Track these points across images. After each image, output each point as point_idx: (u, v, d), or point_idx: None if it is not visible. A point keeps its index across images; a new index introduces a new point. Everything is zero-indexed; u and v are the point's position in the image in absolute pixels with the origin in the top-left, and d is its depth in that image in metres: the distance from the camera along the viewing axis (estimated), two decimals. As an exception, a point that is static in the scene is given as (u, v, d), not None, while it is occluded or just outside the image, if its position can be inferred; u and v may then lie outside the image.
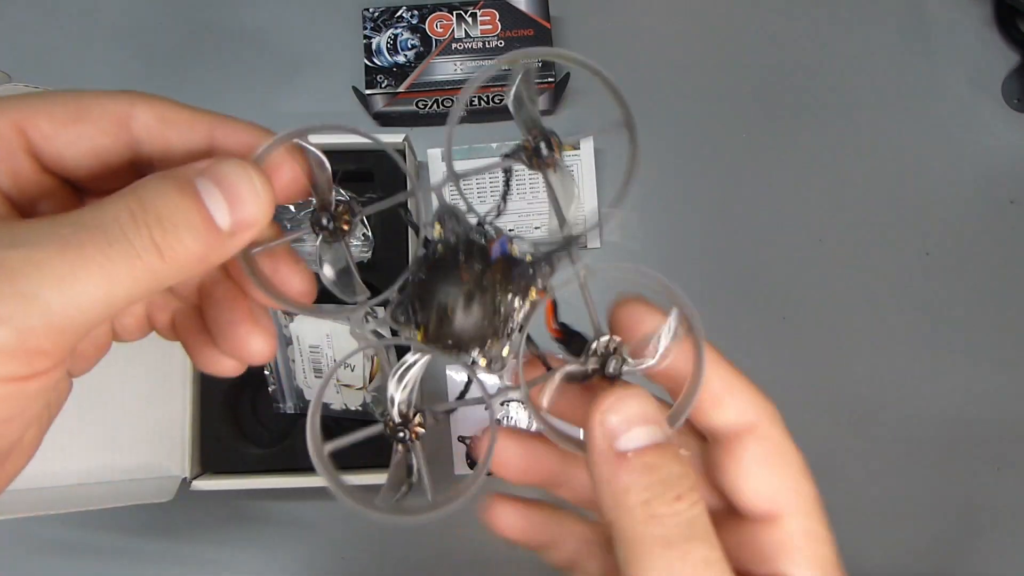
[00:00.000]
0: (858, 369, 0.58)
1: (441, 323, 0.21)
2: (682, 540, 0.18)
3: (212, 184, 0.18)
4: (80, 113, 0.19)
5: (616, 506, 0.19)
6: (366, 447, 0.54)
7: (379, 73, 0.56)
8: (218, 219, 0.18)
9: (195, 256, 0.17)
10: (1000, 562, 0.56)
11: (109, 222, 0.16)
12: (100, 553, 0.55)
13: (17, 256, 0.15)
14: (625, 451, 0.19)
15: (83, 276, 0.15)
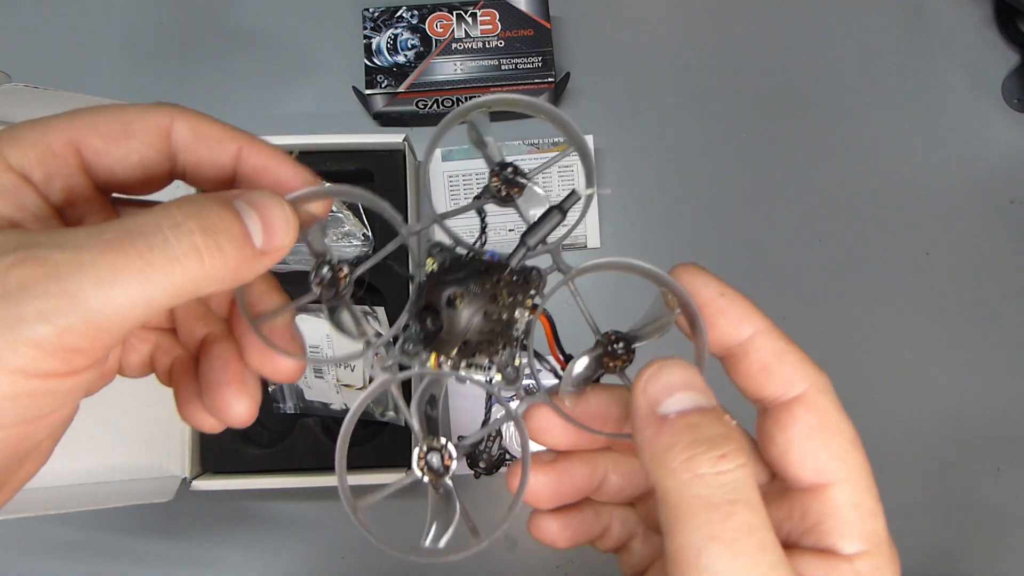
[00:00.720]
0: (858, 369, 0.58)
1: (453, 324, 0.22)
2: (725, 502, 0.17)
3: (249, 207, 0.19)
4: (127, 129, 0.20)
5: (659, 466, 0.18)
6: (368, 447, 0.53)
7: (379, 73, 0.56)
8: (255, 236, 0.18)
9: (231, 267, 0.18)
10: (1000, 562, 0.56)
11: (152, 228, 0.16)
12: (100, 553, 0.55)
13: (61, 257, 0.15)
14: (667, 415, 0.19)
15: (123, 278, 0.16)
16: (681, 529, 0.17)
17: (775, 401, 0.21)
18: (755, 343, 0.21)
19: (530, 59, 0.57)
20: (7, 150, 0.18)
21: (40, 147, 0.19)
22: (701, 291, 0.22)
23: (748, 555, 0.17)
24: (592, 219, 0.59)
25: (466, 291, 0.22)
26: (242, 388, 0.22)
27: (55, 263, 0.15)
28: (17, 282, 0.15)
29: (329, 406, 0.53)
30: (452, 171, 0.58)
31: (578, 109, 0.61)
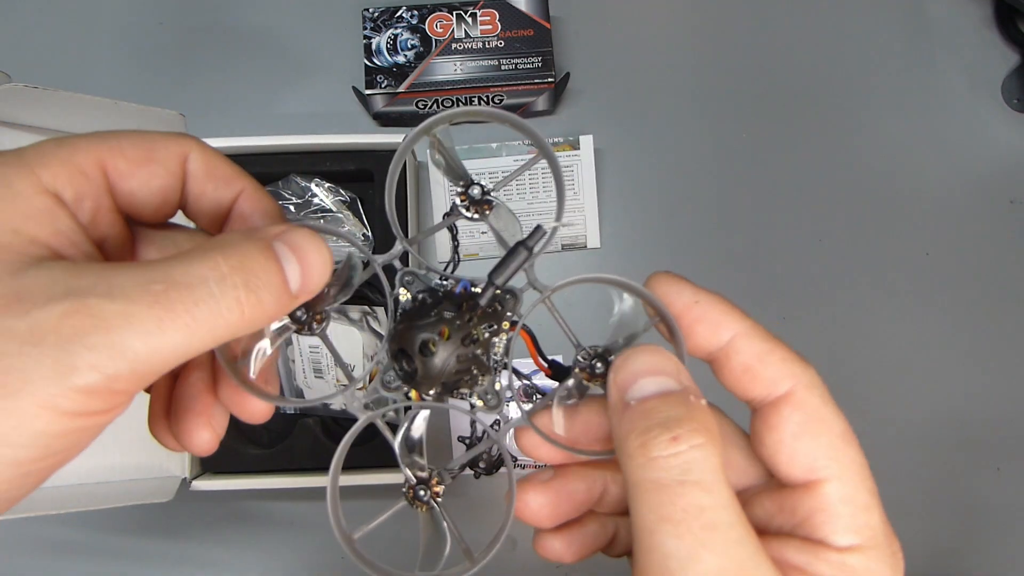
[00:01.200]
0: (858, 369, 0.58)
1: (427, 369, 0.22)
2: (674, 483, 0.18)
3: (289, 250, 0.19)
4: (151, 154, 0.21)
5: (621, 452, 0.19)
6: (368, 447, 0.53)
7: (379, 73, 0.56)
8: (292, 284, 0.19)
9: (268, 315, 0.19)
10: (1000, 562, 0.56)
11: (198, 281, 0.17)
12: (100, 553, 0.55)
13: (111, 309, 0.16)
14: (630, 401, 0.19)
15: (169, 331, 0.17)
16: (637, 510, 0.18)
17: (762, 401, 0.21)
18: (736, 346, 0.21)
19: (530, 59, 0.57)
20: (39, 170, 0.19)
21: (70, 166, 0.19)
22: (675, 300, 0.22)
23: (694, 534, 0.17)
24: (592, 219, 0.59)
25: (438, 337, 0.22)
26: (207, 421, 0.23)
27: (105, 316, 0.16)
28: (70, 332, 0.16)
29: (329, 406, 0.53)
30: (452, 171, 0.58)
31: (578, 109, 0.61)
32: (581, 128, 0.60)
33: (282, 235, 0.19)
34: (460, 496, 0.56)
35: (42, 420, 0.16)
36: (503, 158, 0.58)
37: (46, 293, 0.16)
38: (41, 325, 0.16)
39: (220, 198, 0.23)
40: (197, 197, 0.22)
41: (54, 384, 0.16)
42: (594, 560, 0.59)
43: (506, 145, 0.58)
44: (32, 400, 0.16)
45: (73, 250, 0.19)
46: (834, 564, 0.19)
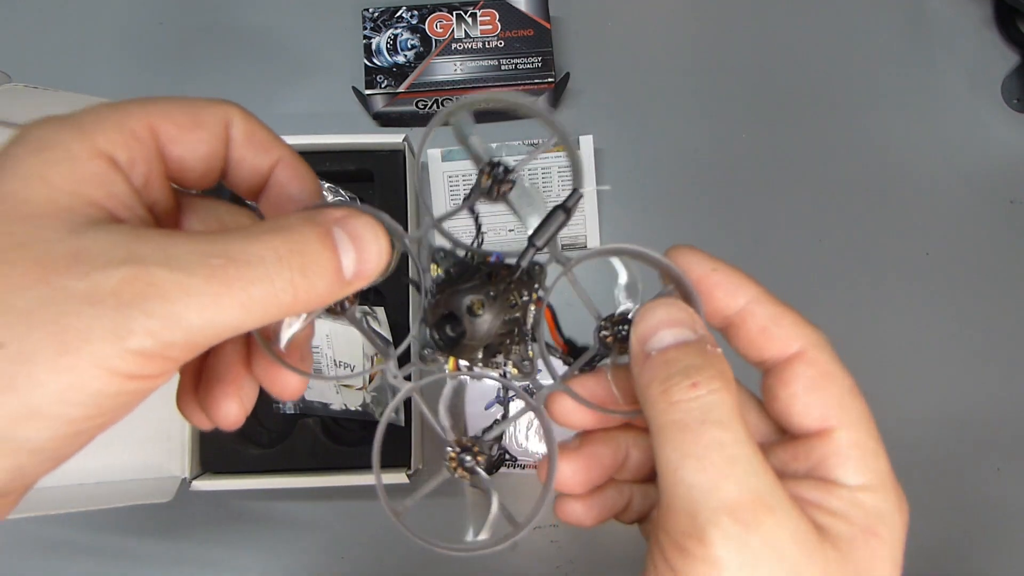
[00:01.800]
0: (858, 369, 0.58)
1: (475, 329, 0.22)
2: (696, 423, 0.19)
3: (347, 238, 0.19)
4: (197, 119, 0.21)
5: (644, 401, 0.20)
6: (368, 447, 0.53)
7: (379, 73, 0.56)
8: (346, 271, 0.19)
9: (321, 299, 0.19)
10: (1000, 562, 0.56)
11: (256, 260, 0.18)
12: (100, 553, 0.55)
13: (171, 279, 0.17)
14: (650, 352, 0.21)
15: (225, 306, 0.17)
16: (661, 450, 0.19)
17: (776, 360, 0.23)
18: (751, 309, 0.23)
19: (530, 59, 0.57)
20: (95, 134, 0.19)
21: (124, 130, 0.19)
22: (695, 268, 0.23)
23: (716, 467, 0.19)
24: (592, 219, 0.59)
25: (485, 297, 0.22)
26: (236, 391, 0.23)
27: (164, 285, 0.16)
28: (130, 297, 0.16)
29: (329, 406, 0.53)
30: (452, 171, 0.58)
31: (578, 109, 0.61)
32: (581, 128, 0.60)
33: (342, 221, 0.20)
34: (460, 496, 0.56)
35: (98, 380, 0.16)
36: (503, 158, 0.58)
37: (105, 256, 0.17)
38: (100, 287, 0.16)
39: (259, 165, 0.23)
40: (238, 163, 0.22)
41: (111, 345, 0.16)
42: (594, 561, 0.59)
43: (506, 145, 0.58)
44: (89, 360, 0.16)
45: (128, 213, 0.19)
46: (846, 500, 0.20)
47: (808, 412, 0.22)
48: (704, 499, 0.18)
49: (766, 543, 0.18)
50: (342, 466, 0.53)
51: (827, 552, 0.19)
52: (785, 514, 0.19)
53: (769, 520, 0.18)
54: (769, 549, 0.18)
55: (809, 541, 0.19)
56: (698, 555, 0.18)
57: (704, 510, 0.18)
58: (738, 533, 0.18)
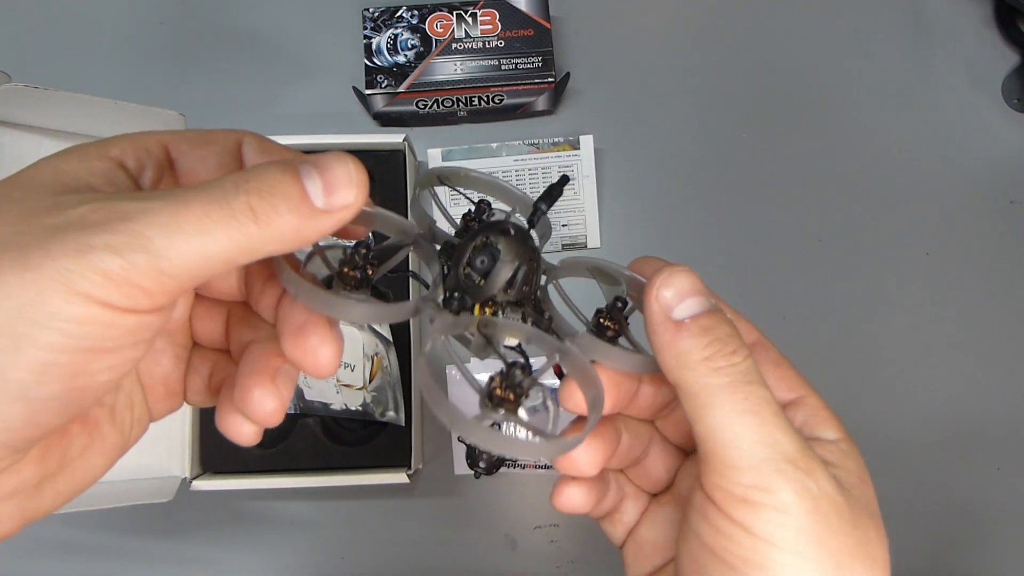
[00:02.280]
0: (858, 369, 0.58)
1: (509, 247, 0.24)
2: (744, 384, 0.21)
3: (312, 168, 0.20)
4: (207, 138, 0.23)
5: (681, 366, 0.22)
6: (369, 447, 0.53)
7: (379, 73, 0.56)
8: (313, 197, 0.20)
9: (289, 225, 0.19)
10: (1000, 562, 0.56)
11: (214, 187, 0.18)
12: (100, 553, 0.55)
13: (131, 205, 0.17)
14: (681, 319, 0.22)
15: (184, 225, 0.17)
16: (711, 412, 0.21)
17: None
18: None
19: (530, 59, 0.57)
20: (109, 145, 0.21)
21: (136, 144, 0.22)
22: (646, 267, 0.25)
23: (770, 421, 0.21)
24: (592, 219, 0.59)
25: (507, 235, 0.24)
26: (271, 384, 0.23)
27: (124, 209, 0.17)
28: (93, 220, 0.17)
29: (329, 406, 0.53)
30: (452, 171, 0.58)
31: (578, 109, 0.61)
32: (581, 128, 0.60)
33: (309, 158, 0.20)
34: (460, 496, 0.56)
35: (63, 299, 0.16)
36: (503, 158, 0.58)
37: (81, 201, 0.18)
38: (69, 218, 0.17)
39: None
40: None
41: (72, 260, 0.16)
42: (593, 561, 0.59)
43: (506, 145, 0.58)
44: (54, 278, 0.16)
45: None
46: (837, 454, 0.23)
47: (781, 383, 0.24)
48: (767, 452, 0.20)
49: (820, 488, 0.20)
50: (342, 466, 0.53)
51: (847, 492, 0.21)
52: (821, 463, 0.21)
53: (816, 466, 0.21)
54: (823, 493, 0.20)
55: (837, 483, 0.21)
56: (768, 503, 0.20)
57: (769, 460, 0.20)
58: (800, 478, 0.20)
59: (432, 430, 0.56)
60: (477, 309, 0.24)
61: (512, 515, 0.55)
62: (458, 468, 0.56)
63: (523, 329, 0.23)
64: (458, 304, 0.24)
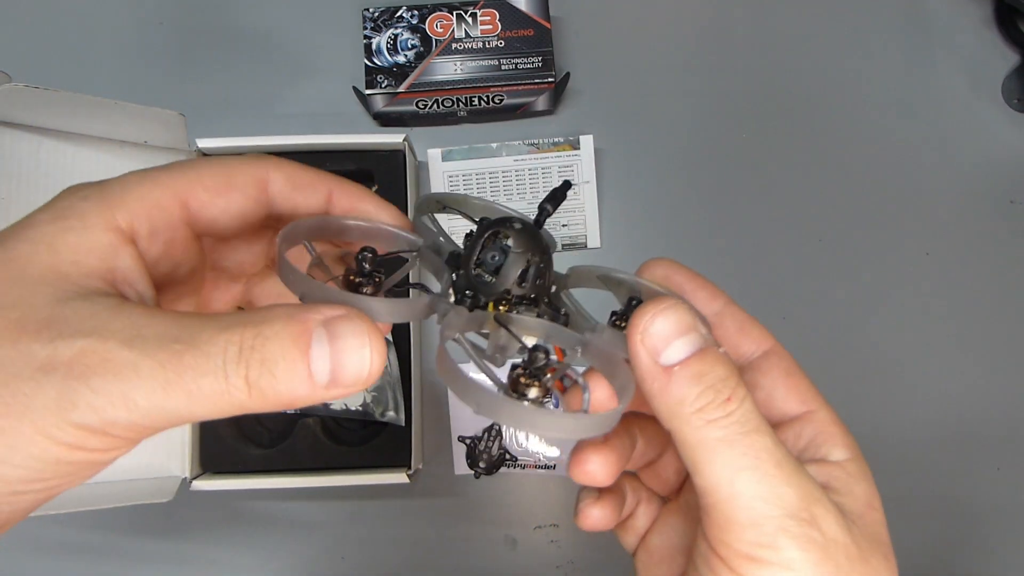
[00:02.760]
0: (858, 369, 0.58)
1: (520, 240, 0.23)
2: (741, 436, 0.20)
3: (326, 341, 0.18)
4: (229, 181, 0.22)
5: (673, 417, 0.20)
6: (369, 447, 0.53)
7: (379, 73, 0.56)
8: (318, 376, 0.18)
9: (282, 400, 0.18)
10: (1000, 562, 0.56)
11: (215, 352, 0.17)
12: (100, 553, 0.55)
13: (126, 358, 0.17)
14: (671, 365, 0.20)
15: (172, 394, 0.17)
16: (709, 467, 0.20)
17: (751, 356, 0.25)
18: (729, 310, 0.25)
19: (530, 59, 0.57)
20: (116, 207, 0.20)
21: (148, 202, 0.21)
22: (675, 275, 0.25)
23: (771, 474, 0.20)
24: (592, 219, 0.59)
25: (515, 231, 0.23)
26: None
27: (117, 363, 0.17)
28: (81, 370, 0.17)
29: (329, 406, 0.53)
30: (452, 171, 0.58)
31: (578, 109, 0.61)
32: (581, 128, 0.60)
33: (331, 321, 0.19)
34: (459, 496, 0.56)
35: (38, 446, 0.17)
36: (503, 158, 0.58)
37: (76, 326, 0.17)
38: (58, 356, 0.17)
39: (312, 205, 0.23)
40: (291, 213, 0.23)
41: (53, 415, 0.16)
42: (593, 561, 0.59)
43: (506, 145, 0.58)
44: (31, 425, 0.16)
45: (127, 288, 0.20)
46: (843, 479, 0.22)
47: (791, 396, 0.24)
48: (768, 508, 0.19)
49: (826, 535, 0.20)
50: (342, 466, 0.53)
51: (852, 528, 0.20)
52: (827, 501, 0.20)
53: (820, 511, 0.20)
54: (829, 540, 0.20)
55: (844, 521, 0.20)
56: (774, 560, 0.19)
57: (771, 519, 0.19)
58: (804, 532, 0.19)
59: (432, 430, 0.56)
60: (491, 307, 0.23)
61: (512, 515, 0.55)
62: (458, 468, 0.56)
63: (541, 324, 0.23)
64: (471, 303, 0.23)
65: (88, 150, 0.48)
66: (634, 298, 0.24)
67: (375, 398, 0.53)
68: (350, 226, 0.25)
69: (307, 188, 0.23)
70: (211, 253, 0.26)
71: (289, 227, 0.22)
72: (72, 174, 0.47)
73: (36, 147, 0.46)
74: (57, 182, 0.47)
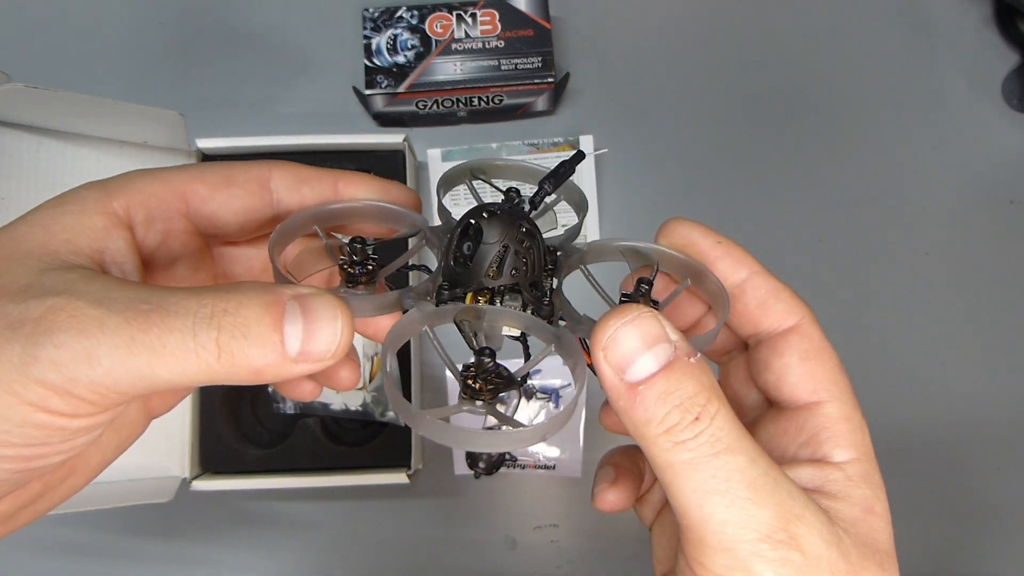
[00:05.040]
0: (858, 369, 0.58)
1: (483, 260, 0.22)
2: (709, 458, 0.18)
3: (299, 312, 0.18)
4: (229, 179, 0.22)
5: (641, 437, 0.19)
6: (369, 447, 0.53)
7: (379, 73, 0.56)
8: (289, 345, 0.18)
9: (252, 366, 0.18)
10: (1000, 562, 0.56)
11: (184, 312, 0.17)
12: (100, 553, 0.55)
13: (92, 314, 0.17)
14: (636, 383, 0.19)
15: (136, 352, 0.17)
16: (679, 489, 0.19)
17: (771, 333, 0.23)
18: (752, 283, 0.24)
19: (530, 59, 0.57)
20: (114, 195, 0.21)
21: (146, 192, 0.21)
22: (700, 240, 0.25)
23: (743, 497, 0.18)
24: (592, 219, 0.59)
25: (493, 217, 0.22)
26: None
27: (84, 319, 0.17)
28: (46, 326, 0.17)
29: (329, 406, 0.53)
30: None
31: (578, 109, 0.61)
32: (581, 128, 0.60)
33: (303, 296, 0.19)
34: (460, 496, 0.56)
35: (1, 402, 0.16)
36: (502, 158, 0.58)
37: (49, 288, 0.17)
38: (28, 313, 0.17)
39: (320, 196, 0.24)
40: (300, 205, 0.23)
41: (16, 372, 0.16)
42: (593, 560, 0.58)
43: (506, 145, 0.58)
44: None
45: (114, 269, 0.20)
46: (842, 481, 0.21)
47: (802, 383, 0.22)
48: (740, 533, 0.18)
49: (804, 554, 0.19)
50: (342, 466, 0.53)
51: (842, 539, 0.19)
52: (811, 516, 0.19)
53: (801, 529, 0.19)
54: (809, 560, 0.19)
55: (832, 534, 0.19)
56: None
57: (743, 543, 0.18)
58: (780, 555, 0.18)
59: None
60: (469, 298, 0.22)
61: (512, 515, 0.55)
62: (458, 468, 0.56)
63: (517, 316, 0.22)
64: (448, 294, 0.22)
65: (88, 150, 0.48)
66: (644, 280, 0.23)
67: (375, 398, 0.53)
68: (348, 209, 0.24)
69: (312, 180, 0.23)
70: (220, 260, 0.26)
71: (281, 226, 0.22)
72: (72, 174, 0.47)
73: (36, 147, 0.46)
74: (57, 182, 0.47)
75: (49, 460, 0.18)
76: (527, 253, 0.23)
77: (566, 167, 0.25)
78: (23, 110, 0.44)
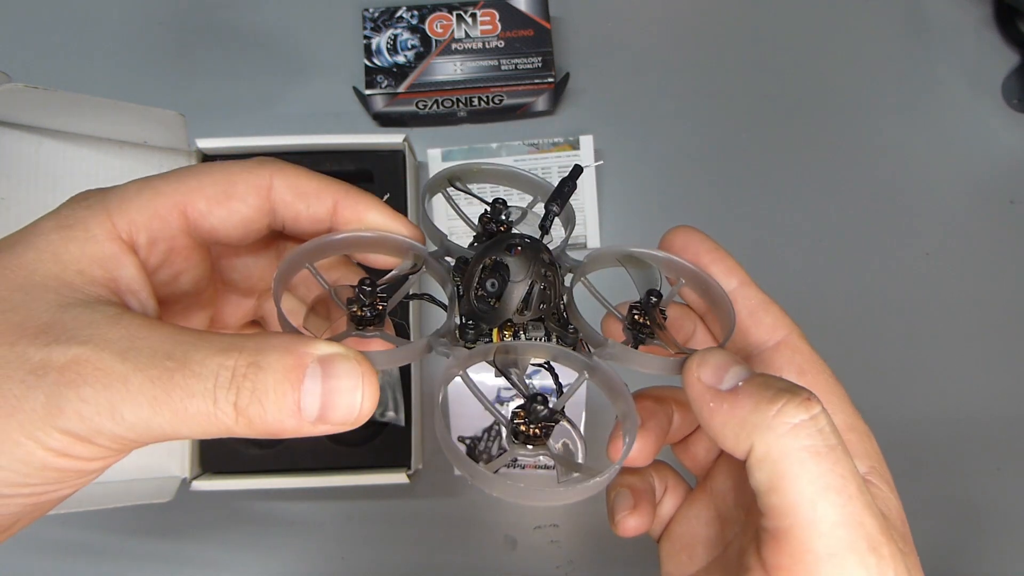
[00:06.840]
0: (858, 369, 0.58)
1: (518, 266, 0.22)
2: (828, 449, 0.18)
3: (320, 378, 0.18)
4: (230, 190, 0.22)
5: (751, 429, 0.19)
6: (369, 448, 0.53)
7: (379, 73, 0.56)
8: (307, 413, 0.18)
9: (269, 430, 0.18)
10: (1000, 562, 0.56)
11: (206, 374, 0.17)
12: (100, 553, 0.55)
13: (118, 370, 0.17)
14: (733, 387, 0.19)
15: (159, 411, 0.17)
16: (793, 482, 0.18)
17: (763, 346, 0.24)
18: (742, 292, 0.24)
19: (530, 59, 0.57)
20: (116, 216, 0.20)
21: (147, 211, 0.21)
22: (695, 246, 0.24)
23: (855, 499, 0.18)
24: (592, 219, 0.59)
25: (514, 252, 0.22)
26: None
27: (109, 374, 0.17)
28: (72, 377, 0.17)
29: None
30: (452, 171, 0.58)
31: (578, 109, 0.61)
32: (581, 128, 0.60)
33: (327, 360, 0.18)
34: (459, 496, 0.56)
35: (23, 448, 0.17)
36: (503, 158, 0.58)
37: (73, 333, 0.17)
38: (52, 360, 0.17)
39: (316, 215, 0.23)
40: (293, 219, 0.23)
41: (40, 420, 0.17)
42: (593, 560, 0.58)
43: (506, 145, 0.58)
44: (18, 427, 0.16)
45: (130, 297, 0.20)
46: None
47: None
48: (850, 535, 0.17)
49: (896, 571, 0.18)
50: (342, 466, 0.53)
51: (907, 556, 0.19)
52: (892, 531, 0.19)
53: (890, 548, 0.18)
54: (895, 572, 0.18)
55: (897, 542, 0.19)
56: None
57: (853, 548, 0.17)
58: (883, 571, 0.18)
59: (432, 430, 0.56)
60: (496, 334, 0.22)
61: (512, 515, 0.55)
62: (458, 468, 0.55)
63: (548, 348, 0.22)
64: (474, 333, 0.22)
65: (88, 150, 0.48)
66: (653, 291, 0.23)
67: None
68: (351, 240, 0.24)
69: (311, 196, 0.23)
70: (219, 267, 0.25)
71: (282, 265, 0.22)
72: (72, 174, 0.47)
73: (36, 147, 0.46)
74: (57, 182, 0.47)
75: (62, 494, 0.19)
76: (551, 285, 0.23)
77: (569, 185, 0.24)
78: (23, 110, 0.44)
